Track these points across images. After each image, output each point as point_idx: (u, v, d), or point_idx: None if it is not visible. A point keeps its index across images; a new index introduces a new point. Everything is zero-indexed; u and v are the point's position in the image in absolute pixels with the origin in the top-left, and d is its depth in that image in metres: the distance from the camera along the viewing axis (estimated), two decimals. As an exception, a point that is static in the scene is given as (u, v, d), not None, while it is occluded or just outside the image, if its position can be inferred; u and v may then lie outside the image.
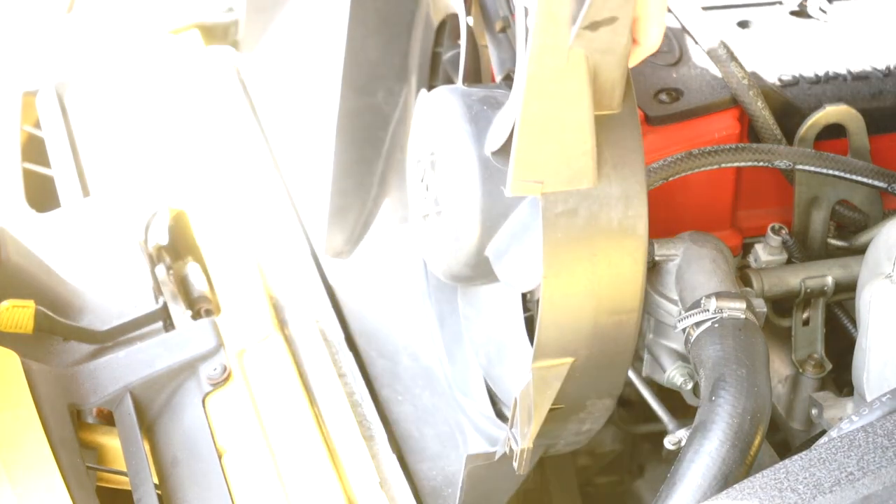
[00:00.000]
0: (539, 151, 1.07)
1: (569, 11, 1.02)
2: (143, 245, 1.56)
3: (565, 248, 1.10)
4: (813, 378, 1.40)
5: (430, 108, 1.30)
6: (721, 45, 1.47)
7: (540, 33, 1.02)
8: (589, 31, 1.03)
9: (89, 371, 1.41)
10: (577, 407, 1.21)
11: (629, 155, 1.11)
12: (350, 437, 1.30)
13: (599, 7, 1.02)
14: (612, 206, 1.10)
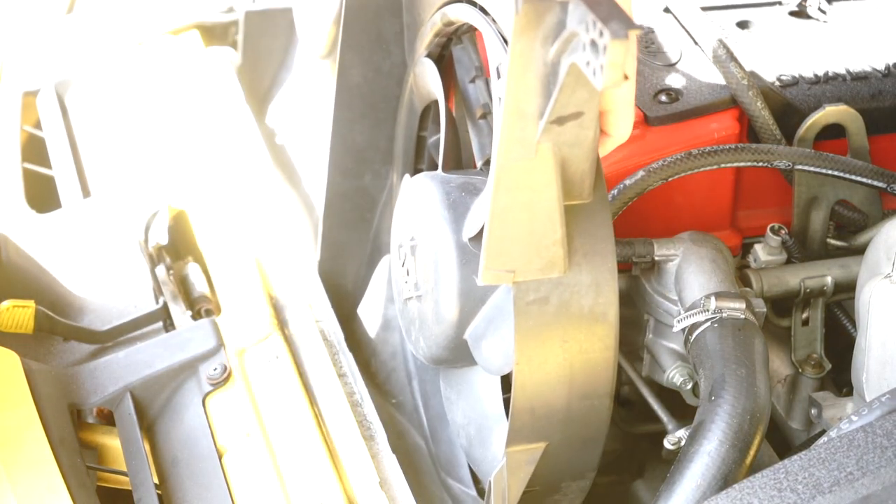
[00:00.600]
0: (510, 241, 1.09)
1: (536, 106, 1.04)
2: (143, 245, 1.56)
3: (537, 335, 1.12)
4: (812, 378, 1.41)
5: (410, 194, 1.33)
6: (721, 45, 1.47)
7: (508, 127, 1.05)
8: (556, 126, 1.05)
9: (89, 371, 1.41)
10: (551, 489, 1.24)
11: (599, 244, 1.14)
12: (350, 437, 1.30)
13: (565, 103, 1.03)
14: (583, 293, 1.13)
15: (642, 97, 1.46)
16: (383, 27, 1.59)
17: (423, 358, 1.33)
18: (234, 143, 1.74)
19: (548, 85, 1.04)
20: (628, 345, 1.50)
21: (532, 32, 1.02)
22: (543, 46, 1.02)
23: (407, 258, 1.32)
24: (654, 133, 1.44)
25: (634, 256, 1.38)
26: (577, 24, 0.98)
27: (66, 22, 2.09)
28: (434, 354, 1.29)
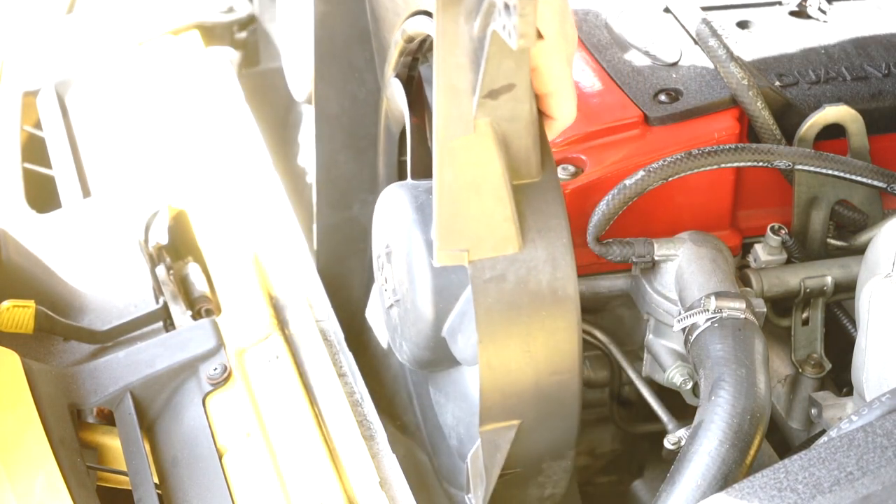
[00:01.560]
0: (461, 220, 1.10)
1: (468, 82, 1.05)
2: (143, 245, 1.56)
3: (497, 313, 1.13)
4: (812, 378, 1.41)
5: (383, 204, 1.35)
6: (721, 45, 1.47)
7: (443, 105, 1.06)
8: (490, 100, 1.06)
9: (89, 371, 1.41)
10: (534, 470, 1.24)
11: (552, 220, 1.14)
12: (350, 437, 1.30)
13: (494, 75, 1.04)
14: (540, 269, 1.13)
15: (642, 97, 1.46)
16: (354, 56, 1.62)
17: (407, 362, 1.34)
18: (234, 143, 1.74)
19: (477, 59, 1.04)
20: (628, 345, 1.50)
21: (455, 8, 1.02)
22: (468, 21, 1.03)
23: (384, 266, 1.34)
24: (654, 133, 1.44)
25: (634, 256, 1.38)
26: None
27: (66, 22, 2.09)
28: (417, 356, 1.30)
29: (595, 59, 1.52)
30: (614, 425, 1.57)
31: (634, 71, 1.50)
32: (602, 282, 1.46)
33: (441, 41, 1.04)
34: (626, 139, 1.44)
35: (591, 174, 1.42)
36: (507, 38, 0.97)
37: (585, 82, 1.49)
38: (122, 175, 1.74)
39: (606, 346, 1.48)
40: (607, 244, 1.37)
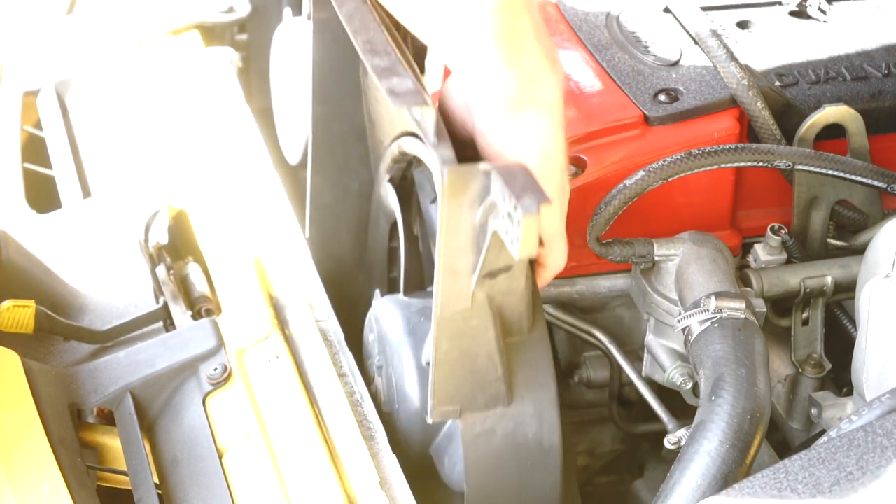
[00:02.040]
0: (455, 382, 1.17)
1: (468, 263, 1.11)
2: (143, 245, 1.56)
3: (485, 464, 1.19)
4: (812, 378, 1.41)
5: (375, 317, 1.42)
6: (721, 45, 1.47)
7: (444, 283, 1.13)
8: (488, 279, 1.12)
9: (89, 371, 1.41)
10: None
11: (540, 375, 1.20)
12: (350, 437, 1.30)
13: (494, 260, 1.10)
14: (528, 423, 1.19)
15: (642, 97, 1.46)
16: (349, 152, 1.65)
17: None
18: (234, 143, 1.74)
19: (477, 243, 1.11)
20: (628, 345, 1.50)
21: (459, 198, 1.08)
22: (470, 209, 1.09)
23: (375, 377, 1.41)
24: (654, 133, 1.45)
25: (634, 256, 1.38)
26: (496, 194, 1.05)
27: (66, 22, 2.09)
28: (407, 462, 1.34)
29: (595, 59, 1.52)
30: (614, 425, 1.57)
31: (634, 71, 1.50)
32: (602, 282, 1.46)
33: (444, 227, 1.10)
34: (626, 139, 1.44)
35: (591, 174, 1.42)
36: (510, 246, 1.03)
37: (585, 82, 1.49)
38: (122, 175, 1.74)
39: (606, 346, 1.48)
40: (607, 244, 1.38)
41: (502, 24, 1.16)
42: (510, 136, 1.21)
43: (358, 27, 1.25)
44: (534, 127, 1.21)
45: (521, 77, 1.19)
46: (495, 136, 1.22)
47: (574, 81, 1.50)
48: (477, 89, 1.22)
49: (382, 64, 1.19)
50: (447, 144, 1.12)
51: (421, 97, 1.14)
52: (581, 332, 1.49)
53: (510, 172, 1.05)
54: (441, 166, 1.08)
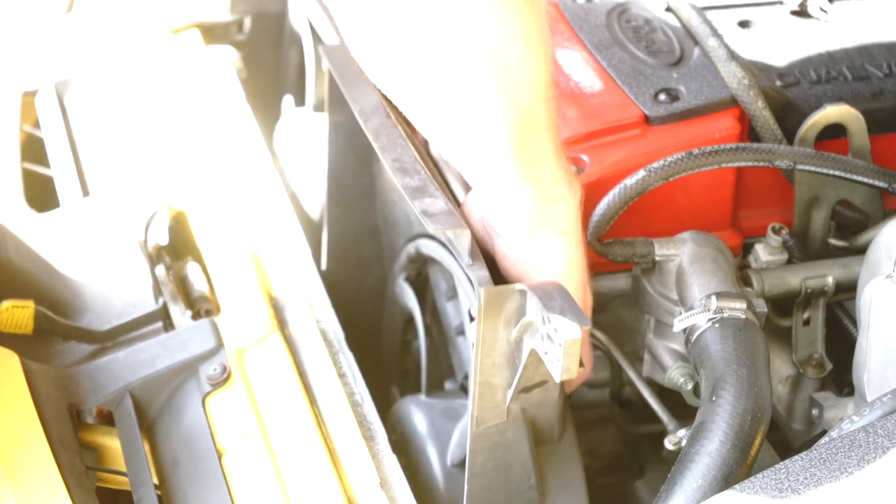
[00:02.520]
0: (489, 494, 1.20)
1: (504, 379, 1.14)
2: (143, 245, 1.56)
3: None
4: (813, 378, 1.40)
5: (398, 419, 1.45)
6: (721, 45, 1.47)
7: (479, 397, 1.16)
8: (523, 394, 1.15)
9: (89, 371, 1.40)
10: None
11: (571, 481, 1.24)
12: (350, 437, 1.30)
13: (529, 377, 1.13)
14: None
15: (643, 97, 1.46)
16: (363, 249, 1.68)
17: None
18: (234, 143, 1.74)
19: (513, 360, 1.13)
20: (629, 345, 1.50)
21: (495, 317, 1.11)
22: (506, 328, 1.12)
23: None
24: (655, 133, 1.44)
25: (635, 256, 1.38)
26: (533, 314, 1.08)
27: (66, 21, 2.09)
28: None
29: (595, 58, 1.52)
30: (615, 426, 1.57)
31: (635, 71, 1.50)
32: (603, 282, 1.46)
33: (480, 344, 1.13)
34: (626, 139, 1.44)
35: (591, 174, 1.42)
36: (551, 366, 1.06)
37: (585, 82, 1.49)
38: (121, 175, 1.74)
39: (607, 346, 1.47)
40: (608, 244, 1.37)
41: (521, 142, 1.19)
42: (531, 258, 1.25)
43: (385, 144, 1.28)
44: (554, 249, 1.25)
45: (539, 196, 1.22)
46: (517, 259, 1.26)
47: (574, 81, 1.49)
48: (496, 209, 1.25)
49: (413, 184, 1.22)
50: (482, 264, 1.15)
51: (455, 219, 1.17)
52: (581, 332, 1.49)
53: (547, 293, 1.09)
54: (477, 287, 1.11)
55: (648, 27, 1.57)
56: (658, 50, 1.53)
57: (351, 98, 1.36)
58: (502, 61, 1.15)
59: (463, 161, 1.24)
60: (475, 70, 1.15)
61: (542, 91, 1.20)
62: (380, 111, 1.33)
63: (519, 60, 1.16)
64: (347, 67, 1.39)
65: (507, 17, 1.14)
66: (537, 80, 1.19)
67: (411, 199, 1.19)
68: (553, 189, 1.24)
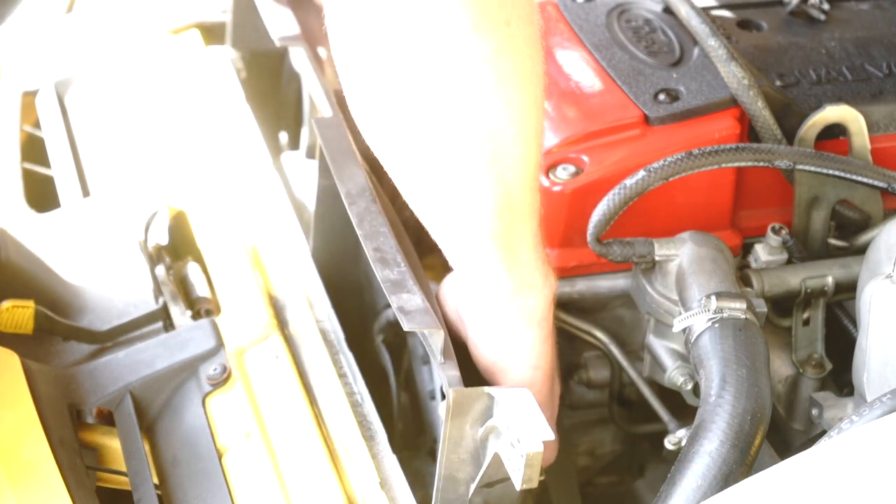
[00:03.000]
0: None
1: (467, 474, 1.18)
2: (143, 245, 1.56)
3: None
4: (813, 378, 1.40)
5: None
6: (721, 45, 1.47)
7: (443, 490, 1.19)
8: (485, 488, 1.18)
9: (89, 371, 1.40)
10: None
11: None
12: (350, 437, 1.30)
13: (492, 474, 1.16)
14: None
15: (642, 97, 1.46)
16: (346, 304, 1.63)
17: None
18: (234, 142, 1.74)
19: (477, 457, 1.17)
20: (629, 345, 1.50)
21: (462, 417, 1.15)
22: (472, 427, 1.16)
23: None
24: (655, 133, 1.44)
25: (635, 256, 1.38)
26: (499, 420, 1.11)
27: (66, 21, 2.09)
28: None
29: (595, 58, 1.52)
30: (615, 426, 1.57)
31: (634, 71, 1.50)
32: (602, 282, 1.46)
33: (446, 441, 1.15)
34: (626, 139, 1.44)
35: (591, 174, 1.42)
36: (511, 473, 1.10)
37: (585, 82, 1.49)
38: (121, 175, 1.74)
39: (607, 346, 1.48)
40: (608, 244, 1.37)
41: (503, 225, 1.20)
42: (502, 347, 1.27)
43: (368, 232, 1.29)
44: (524, 339, 1.27)
45: (515, 283, 1.24)
46: (487, 347, 1.28)
47: (574, 81, 1.49)
48: (471, 294, 1.27)
49: (392, 276, 1.23)
50: (453, 364, 1.17)
51: (430, 318, 1.18)
52: (581, 332, 1.49)
53: (514, 400, 1.11)
54: (447, 388, 1.13)
55: (648, 27, 1.57)
56: (658, 50, 1.53)
57: (339, 178, 1.37)
58: (496, 141, 1.14)
59: (445, 236, 1.24)
60: (468, 143, 1.14)
61: (530, 177, 1.20)
62: (366, 194, 1.34)
63: (512, 142, 1.15)
64: (338, 142, 1.42)
65: (506, 94, 1.13)
66: (527, 165, 1.19)
67: (389, 294, 1.21)
68: (529, 278, 1.25)
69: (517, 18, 1.11)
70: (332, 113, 1.51)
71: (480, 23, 1.08)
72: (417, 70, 1.11)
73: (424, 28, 1.08)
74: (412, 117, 1.14)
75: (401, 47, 1.10)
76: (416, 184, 1.21)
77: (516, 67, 1.12)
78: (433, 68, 1.10)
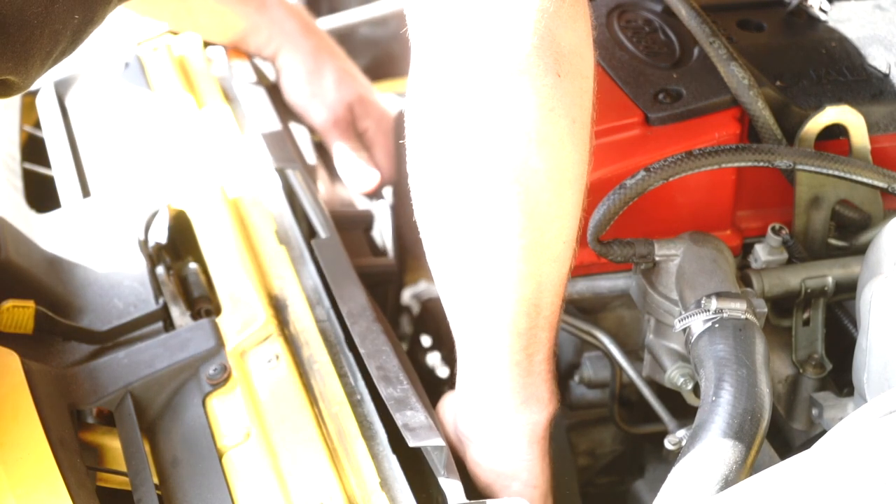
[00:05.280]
0: None
1: None
2: (143, 245, 1.56)
3: None
4: (813, 378, 1.40)
5: None
6: (721, 45, 1.47)
7: None
8: None
9: (89, 371, 1.40)
10: None
11: None
12: (350, 438, 1.30)
13: None
14: None
15: (643, 97, 1.46)
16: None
17: None
18: (234, 142, 1.74)
19: None
20: (629, 345, 1.50)
21: None
22: None
23: None
24: (655, 133, 1.44)
25: (635, 257, 1.38)
26: None
27: (66, 22, 2.08)
28: None
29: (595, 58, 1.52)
30: (615, 426, 1.57)
31: (634, 71, 1.50)
32: (602, 282, 1.46)
33: None
34: (626, 139, 1.44)
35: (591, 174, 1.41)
36: None
37: (586, 82, 1.49)
38: (121, 175, 1.74)
39: (607, 346, 1.48)
40: (608, 244, 1.37)
41: (528, 326, 1.22)
42: (501, 464, 1.30)
43: (371, 351, 1.33)
44: (523, 458, 1.29)
45: (525, 392, 1.27)
46: (487, 464, 1.30)
47: (574, 81, 1.49)
48: (476, 407, 1.29)
49: (396, 394, 1.27)
50: (455, 477, 1.21)
51: (434, 434, 1.22)
52: (581, 332, 1.49)
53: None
54: (448, 499, 1.17)
55: (648, 28, 1.57)
56: (658, 50, 1.53)
57: (339, 296, 1.41)
58: (539, 232, 1.16)
59: (468, 328, 1.25)
60: (514, 230, 1.15)
61: (562, 280, 1.21)
62: (367, 314, 1.38)
63: (553, 238, 1.17)
64: (338, 264, 1.46)
65: (555, 190, 1.14)
66: (561, 266, 1.20)
67: (393, 411, 1.25)
68: (539, 389, 1.27)
69: (580, 118, 1.14)
70: (328, 234, 1.52)
71: (556, 106, 1.10)
72: (476, 154, 1.12)
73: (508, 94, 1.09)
74: (462, 197, 1.15)
75: (464, 127, 1.11)
76: (454, 267, 1.21)
77: (574, 164, 1.15)
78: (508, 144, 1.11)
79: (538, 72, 1.09)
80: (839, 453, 1.02)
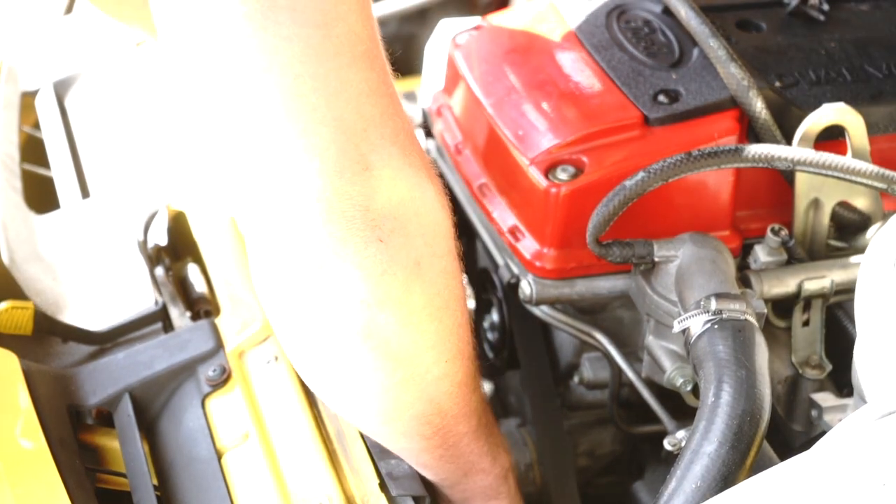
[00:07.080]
0: None
1: None
2: (142, 245, 1.56)
3: None
4: (813, 379, 1.40)
5: None
6: (721, 46, 1.47)
7: None
8: None
9: (88, 372, 1.41)
10: None
11: None
12: (350, 438, 1.30)
13: None
14: None
15: (642, 98, 1.46)
16: None
17: None
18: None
19: None
20: (628, 346, 1.50)
21: None
22: None
23: None
24: (654, 134, 1.44)
25: (634, 257, 1.38)
26: None
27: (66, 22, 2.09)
28: None
29: (594, 59, 1.52)
30: (614, 426, 1.57)
31: (634, 71, 1.49)
32: (602, 283, 1.46)
33: None
34: (625, 140, 1.44)
35: (590, 175, 1.41)
36: None
37: (585, 82, 1.49)
38: (121, 176, 1.74)
39: (606, 347, 1.47)
40: (607, 245, 1.37)
41: (435, 430, 1.23)
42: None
43: None
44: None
45: (461, 470, 1.29)
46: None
47: (574, 82, 1.49)
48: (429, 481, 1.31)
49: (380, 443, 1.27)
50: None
51: (417, 483, 1.25)
52: (581, 333, 1.49)
53: None
54: None
55: (648, 28, 1.57)
56: (657, 51, 1.53)
57: None
58: (413, 365, 1.16)
59: (385, 441, 1.27)
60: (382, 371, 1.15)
61: (457, 386, 1.22)
62: None
63: (432, 363, 1.17)
64: None
65: (419, 327, 1.14)
66: (451, 378, 1.21)
67: (378, 460, 1.26)
68: (476, 465, 1.30)
69: (428, 256, 1.13)
70: None
71: (387, 269, 1.09)
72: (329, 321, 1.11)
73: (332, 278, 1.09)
74: (325, 365, 1.16)
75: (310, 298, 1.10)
76: (347, 413, 1.24)
77: (429, 301, 1.14)
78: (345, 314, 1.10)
79: (357, 247, 1.08)
80: (838, 454, 1.02)
